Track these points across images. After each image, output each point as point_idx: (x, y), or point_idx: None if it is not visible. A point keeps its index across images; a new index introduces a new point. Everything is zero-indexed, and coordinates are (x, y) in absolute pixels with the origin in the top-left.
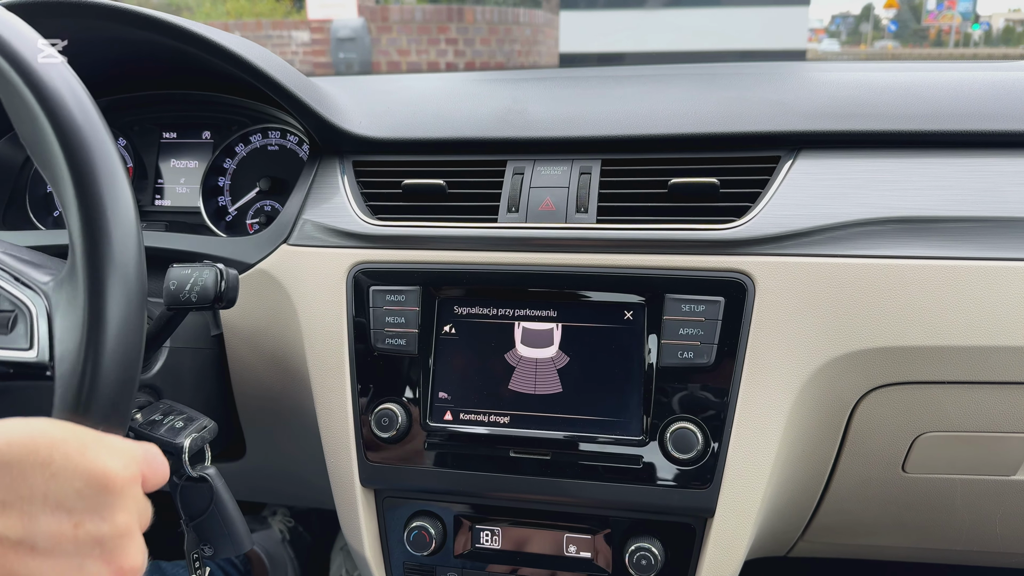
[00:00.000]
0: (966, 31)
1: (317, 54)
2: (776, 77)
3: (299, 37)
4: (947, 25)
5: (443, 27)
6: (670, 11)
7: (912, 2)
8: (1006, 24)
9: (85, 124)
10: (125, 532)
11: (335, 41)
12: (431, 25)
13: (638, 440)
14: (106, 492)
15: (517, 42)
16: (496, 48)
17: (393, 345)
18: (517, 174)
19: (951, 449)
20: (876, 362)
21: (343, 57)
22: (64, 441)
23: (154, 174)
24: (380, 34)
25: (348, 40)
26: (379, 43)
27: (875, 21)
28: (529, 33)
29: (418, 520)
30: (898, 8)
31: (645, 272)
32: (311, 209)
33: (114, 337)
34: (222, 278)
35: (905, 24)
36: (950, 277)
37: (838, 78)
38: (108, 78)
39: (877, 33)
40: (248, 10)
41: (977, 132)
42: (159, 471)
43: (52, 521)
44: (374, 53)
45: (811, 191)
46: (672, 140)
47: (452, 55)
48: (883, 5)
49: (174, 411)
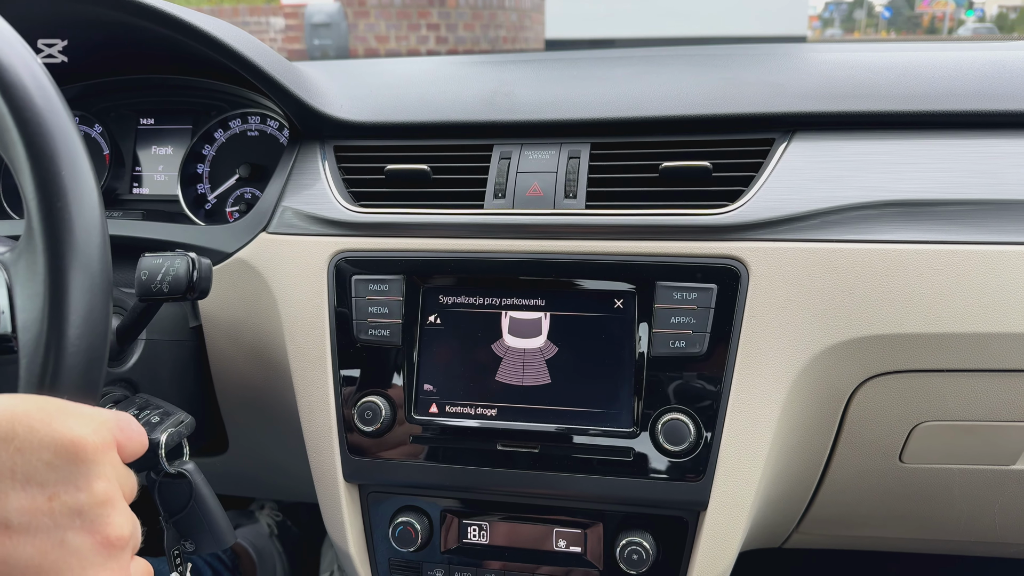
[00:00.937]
0: (959, 17)
1: (292, 41)
2: (770, 58)
3: (277, 23)
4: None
5: (424, 12)
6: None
7: None
8: (999, 11)
9: (44, 105)
10: (105, 500)
11: (309, 27)
12: (411, 10)
13: (629, 432)
14: (78, 461)
15: (502, 28)
16: (480, 34)
17: (376, 336)
18: (504, 159)
19: (949, 439)
20: (873, 350)
21: (318, 44)
22: (27, 413)
23: (131, 162)
24: (357, 19)
25: (323, 26)
26: (356, 29)
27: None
28: (515, 18)
29: (403, 515)
30: None
31: (635, 259)
32: (291, 196)
33: (78, 304)
34: (194, 267)
35: (899, 11)
36: (949, 262)
37: (834, 59)
38: (84, 63)
39: (871, 20)
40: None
41: (977, 112)
42: (135, 439)
43: (24, 497)
44: (351, 40)
45: (806, 174)
46: (663, 123)
47: (434, 42)
48: None
49: (150, 405)
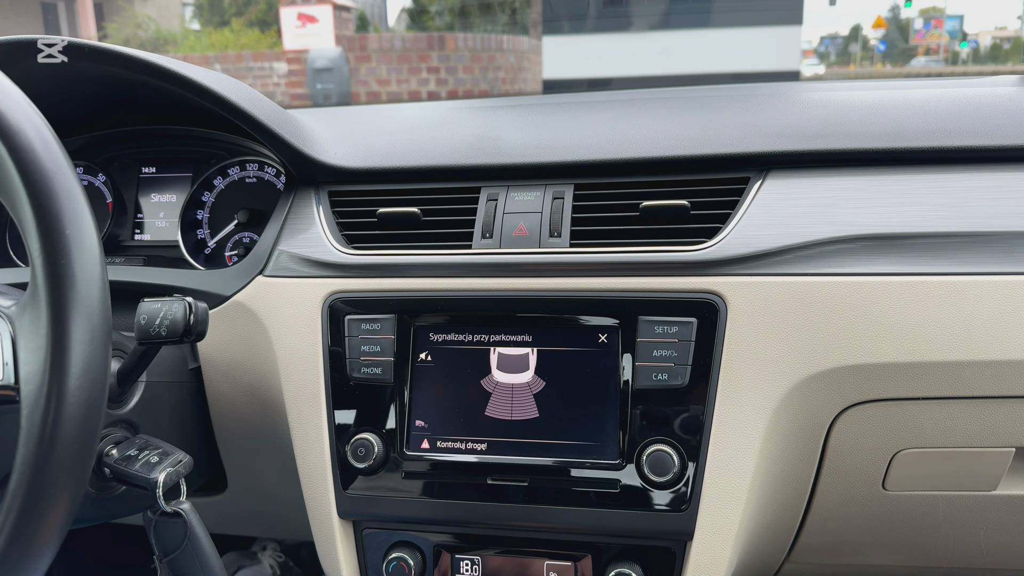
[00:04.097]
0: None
1: (295, 85)
2: (747, 99)
3: (280, 68)
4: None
5: (424, 55)
6: (658, 34)
7: (900, 22)
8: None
9: (49, 161)
10: None
11: (312, 72)
12: (411, 53)
13: (615, 464)
14: None
15: (501, 69)
16: (479, 76)
17: (369, 374)
18: (491, 200)
19: (929, 466)
20: (850, 380)
21: (320, 88)
22: None
23: (134, 209)
24: (359, 64)
25: (325, 70)
26: (358, 73)
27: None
28: (513, 60)
29: (397, 551)
30: (886, 28)
31: (618, 295)
32: (286, 240)
33: (78, 356)
34: (191, 311)
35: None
36: (920, 293)
37: (808, 98)
38: (87, 115)
39: (866, 53)
40: (232, 42)
41: (943, 148)
42: None
43: None
44: (353, 83)
45: (780, 211)
46: (643, 163)
47: (434, 84)
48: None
49: (150, 446)
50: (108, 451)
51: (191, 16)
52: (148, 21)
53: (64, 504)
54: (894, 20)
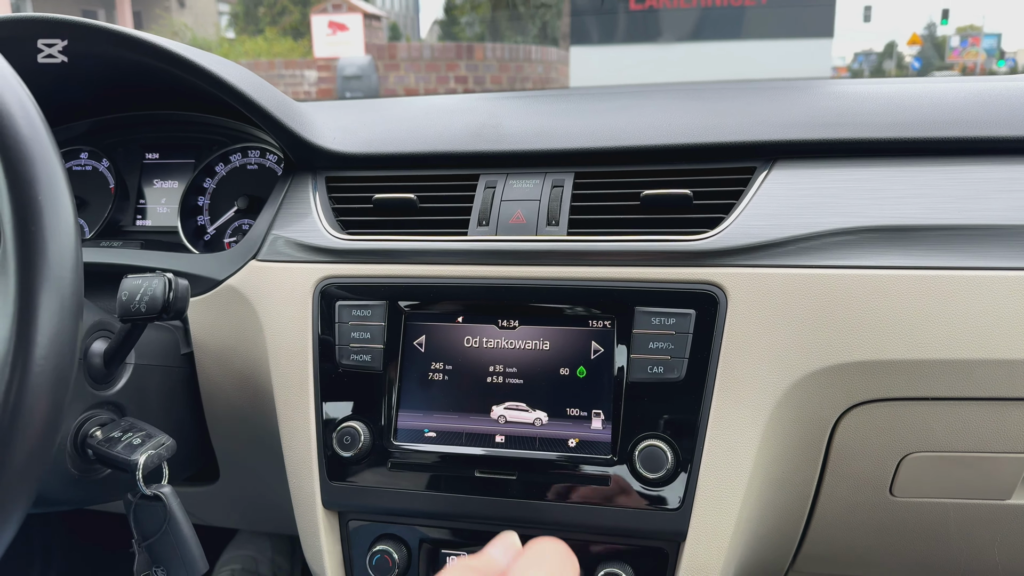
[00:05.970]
0: (991, 68)
1: (325, 93)
2: (758, 90)
3: (310, 76)
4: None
5: (452, 64)
6: (686, 45)
7: (936, 39)
8: None
9: (27, 128)
10: None
11: (341, 79)
12: (440, 62)
13: (606, 459)
14: None
15: (529, 80)
16: (507, 86)
17: (358, 361)
18: (489, 188)
19: (940, 471)
20: (855, 377)
21: (349, 96)
22: None
23: (136, 195)
24: (387, 71)
25: (354, 78)
26: (386, 81)
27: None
28: (541, 71)
29: (381, 544)
30: (921, 45)
31: (614, 284)
32: (281, 224)
33: (46, 326)
34: (170, 288)
35: (929, 61)
36: (931, 287)
37: (821, 90)
38: (92, 99)
39: (900, 72)
40: (266, 50)
41: (959, 139)
42: None
43: None
44: (381, 91)
45: (786, 201)
46: (645, 152)
47: (461, 93)
48: (906, 42)
49: (134, 428)
50: (92, 432)
51: (227, 24)
52: (185, 29)
53: (27, 476)
54: (930, 37)
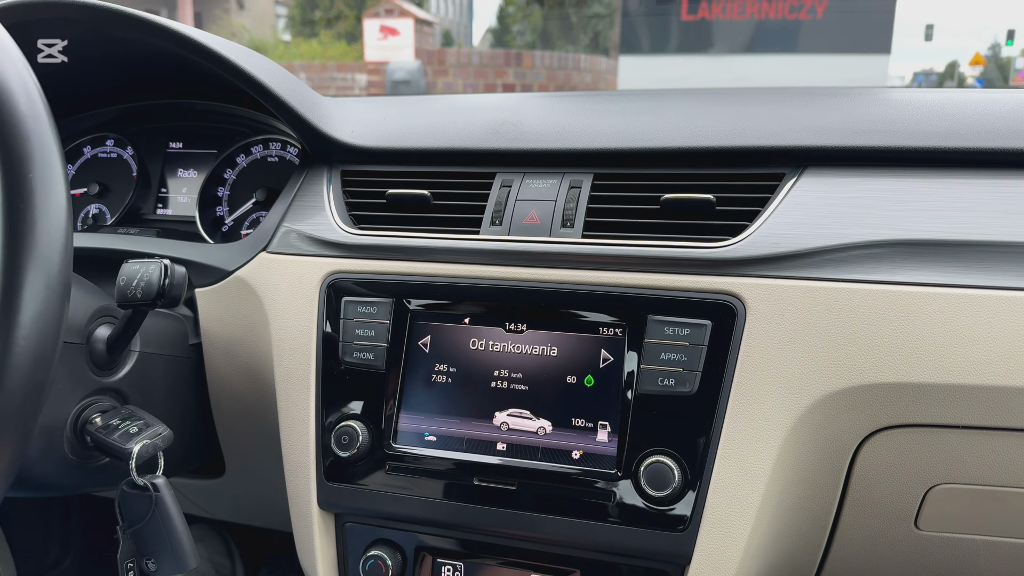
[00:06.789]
0: None
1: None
2: (790, 95)
3: (361, 80)
4: None
5: (500, 71)
6: (738, 57)
7: (999, 60)
8: None
9: (26, 106)
10: None
11: (390, 83)
12: (488, 69)
13: (611, 474)
14: None
15: (577, 89)
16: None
17: (361, 359)
18: (504, 186)
19: (970, 505)
20: (879, 400)
21: None
22: None
23: (158, 183)
24: (436, 77)
25: (403, 83)
26: (435, 86)
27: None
28: (590, 80)
29: (375, 549)
30: (984, 66)
31: (628, 291)
32: (293, 217)
33: (30, 306)
34: (166, 274)
35: (992, 83)
36: (966, 307)
37: (857, 97)
38: (116, 87)
39: None
40: (320, 53)
41: (1003, 150)
42: None
43: None
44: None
45: (813, 210)
46: (668, 154)
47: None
48: (968, 62)
49: (133, 417)
50: (92, 419)
51: (283, 27)
52: (243, 31)
53: (5, 453)
54: (993, 58)
